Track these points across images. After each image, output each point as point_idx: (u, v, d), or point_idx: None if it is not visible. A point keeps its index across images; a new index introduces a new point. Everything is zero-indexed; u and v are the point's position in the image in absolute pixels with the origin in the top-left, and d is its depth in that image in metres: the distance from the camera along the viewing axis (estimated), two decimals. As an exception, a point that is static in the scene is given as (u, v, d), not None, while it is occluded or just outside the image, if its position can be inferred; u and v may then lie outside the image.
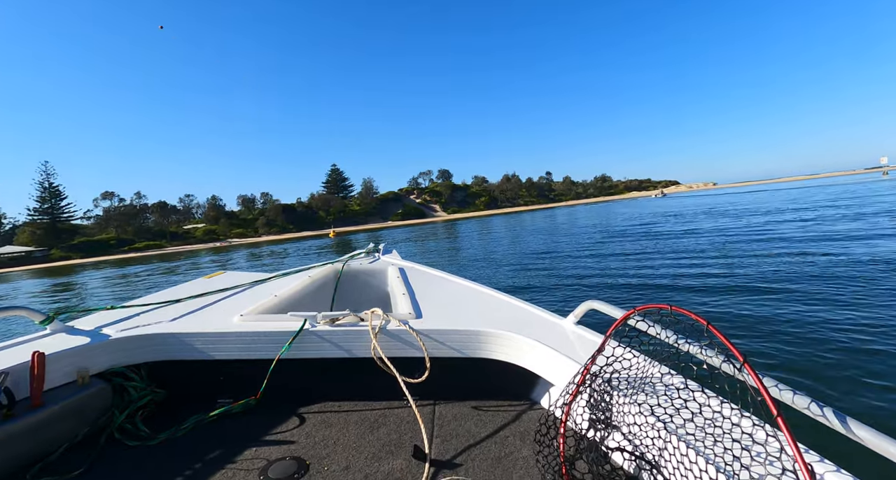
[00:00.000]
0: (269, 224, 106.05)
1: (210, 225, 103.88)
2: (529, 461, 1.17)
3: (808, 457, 0.76)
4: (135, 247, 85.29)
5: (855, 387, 3.08)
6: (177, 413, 1.51)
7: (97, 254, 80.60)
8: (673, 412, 0.90)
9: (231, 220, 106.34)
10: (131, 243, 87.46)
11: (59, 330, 1.59)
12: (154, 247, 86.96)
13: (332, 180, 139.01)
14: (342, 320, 1.58)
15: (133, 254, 76.68)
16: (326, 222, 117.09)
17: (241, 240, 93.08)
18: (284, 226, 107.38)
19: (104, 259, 72.67)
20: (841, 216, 15.59)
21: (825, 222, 14.03)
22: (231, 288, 2.22)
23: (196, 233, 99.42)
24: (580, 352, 1.34)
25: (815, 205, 22.98)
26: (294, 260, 24.06)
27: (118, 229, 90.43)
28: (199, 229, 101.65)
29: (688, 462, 0.80)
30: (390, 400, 1.53)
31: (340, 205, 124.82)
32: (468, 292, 2.03)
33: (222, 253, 42.24)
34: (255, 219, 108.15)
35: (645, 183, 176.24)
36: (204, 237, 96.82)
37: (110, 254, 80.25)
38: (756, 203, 31.02)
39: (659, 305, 0.90)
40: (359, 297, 2.68)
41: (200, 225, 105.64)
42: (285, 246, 41.59)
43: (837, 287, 5.82)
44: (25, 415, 1.23)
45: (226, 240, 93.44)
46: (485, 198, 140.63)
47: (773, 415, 0.65)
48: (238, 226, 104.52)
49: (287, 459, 1.22)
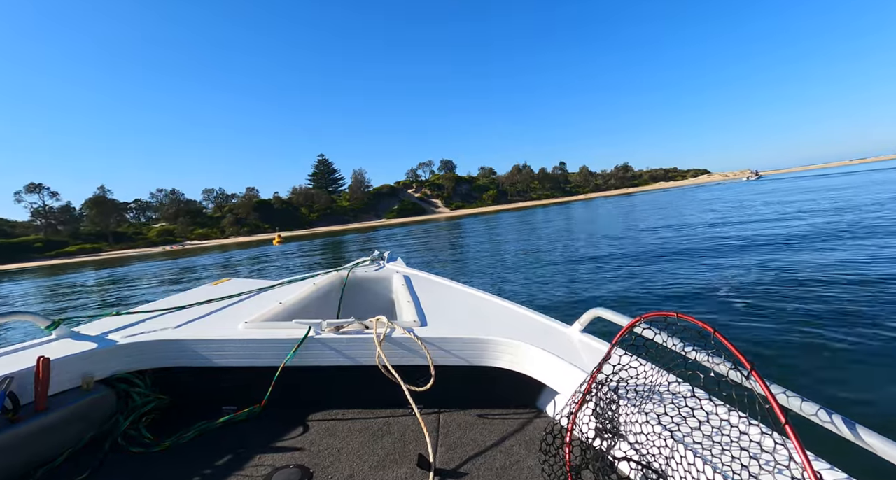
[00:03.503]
0: (240, 223, 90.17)
1: (168, 224, 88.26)
2: (535, 470, 1.16)
3: (817, 465, 0.75)
4: (65, 252, 69.82)
5: (865, 394, 2.92)
6: (181, 420, 1.50)
7: (16, 260, 65.16)
8: (680, 420, 0.89)
9: (195, 219, 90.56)
10: (63, 246, 71.84)
11: (64, 335, 1.60)
12: (90, 252, 71.44)
13: (320, 172, 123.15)
14: (347, 328, 1.58)
15: (55, 261, 61.18)
16: (309, 220, 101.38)
17: (200, 243, 77.41)
18: (258, 224, 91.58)
19: (15, 266, 57.39)
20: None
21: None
22: (236, 296, 2.21)
23: (149, 233, 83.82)
24: (586, 360, 1.33)
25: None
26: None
27: (47, 229, 75.07)
28: (152, 229, 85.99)
29: (695, 471, 0.80)
30: (395, 409, 1.52)
31: (326, 200, 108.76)
32: (473, 300, 2.02)
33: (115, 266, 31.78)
34: (221, 218, 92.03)
35: (671, 172, 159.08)
36: (157, 239, 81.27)
37: (30, 261, 64.84)
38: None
39: (665, 313, 0.90)
40: (364, 305, 2.67)
41: (158, 224, 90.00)
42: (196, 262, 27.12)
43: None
44: (30, 420, 1.24)
45: (178, 244, 77.61)
46: (492, 191, 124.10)
47: (782, 423, 0.64)
48: (202, 226, 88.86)
49: (291, 467, 1.22)
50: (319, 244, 34.27)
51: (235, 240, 77.47)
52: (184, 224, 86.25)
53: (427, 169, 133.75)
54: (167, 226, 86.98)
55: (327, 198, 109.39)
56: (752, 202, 23.45)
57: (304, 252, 25.97)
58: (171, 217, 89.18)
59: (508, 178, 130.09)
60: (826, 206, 16.09)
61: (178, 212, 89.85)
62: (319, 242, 37.38)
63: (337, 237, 44.59)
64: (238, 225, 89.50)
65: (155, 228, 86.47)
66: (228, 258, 29.50)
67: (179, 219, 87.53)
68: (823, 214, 13.65)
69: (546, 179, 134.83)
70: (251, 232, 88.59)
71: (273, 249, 34.01)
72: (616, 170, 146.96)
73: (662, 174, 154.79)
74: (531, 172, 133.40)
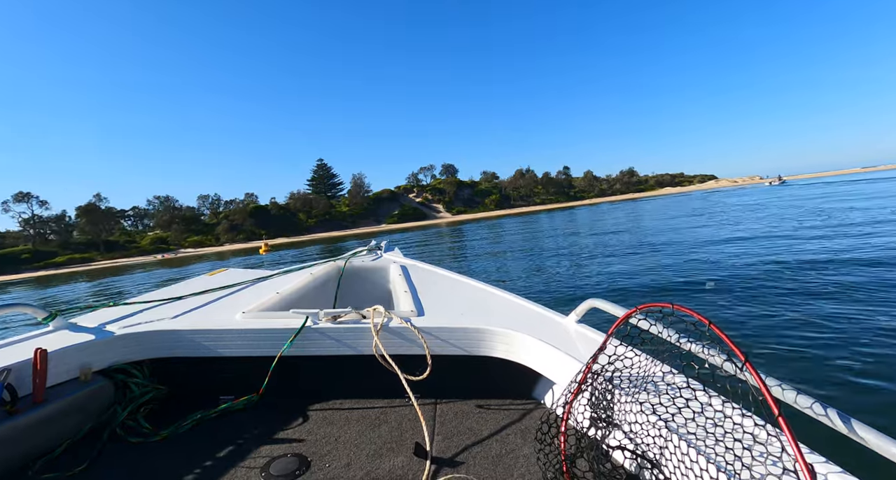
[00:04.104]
0: (235, 229, 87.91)
1: (161, 232, 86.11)
2: (530, 459, 1.18)
3: (809, 458, 0.76)
4: (53, 263, 67.67)
5: (858, 387, 2.92)
6: (179, 410, 1.51)
7: (2, 272, 63.05)
8: (674, 411, 0.90)
9: (189, 226, 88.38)
10: (52, 256, 69.73)
11: (61, 327, 1.60)
12: (79, 262, 69.29)
13: (319, 177, 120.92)
14: (344, 317, 1.59)
15: (41, 273, 58.99)
16: (307, 226, 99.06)
17: (194, 251, 75.18)
18: (254, 231, 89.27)
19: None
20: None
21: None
22: (233, 286, 2.20)
23: (142, 242, 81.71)
24: (582, 351, 1.34)
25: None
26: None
27: (37, 239, 72.97)
28: (145, 237, 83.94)
29: (688, 461, 0.80)
30: (392, 398, 1.54)
31: (325, 205, 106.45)
32: (470, 290, 2.02)
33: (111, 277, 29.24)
34: (216, 224, 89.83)
35: (678, 177, 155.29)
36: (150, 247, 79.11)
37: (17, 273, 62.71)
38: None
39: (661, 304, 0.90)
40: (361, 295, 2.66)
41: (153, 232, 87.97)
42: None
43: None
44: (28, 412, 1.25)
45: (170, 252, 75.42)
46: (495, 195, 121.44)
47: (775, 415, 0.64)
48: (197, 233, 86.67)
49: (288, 456, 1.23)
50: (315, 251, 31.73)
51: (231, 247, 75.16)
52: (178, 231, 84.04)
53: (428, 173, 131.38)
54: (161, 234, 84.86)
55: (326, 204, 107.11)
56: (815, 208, 19.25)
57: (298, 259, 23.37)
58: (165, 224, 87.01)
59: (511, 183, 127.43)
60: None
61: (172, 218, 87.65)
62: (315, 249, 34.82)
63: (336, 244, 41.82)
64: (233, 231, 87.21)
65: (148, 236, 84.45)
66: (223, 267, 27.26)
67: (173, 227, 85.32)
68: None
69: (550, 183, 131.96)
70: (247, 238, 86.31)
71: (262, 258, 31.52)
72: (622, 175, 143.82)
73: (669, 179, 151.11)
74: (534, 176, 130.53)
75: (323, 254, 28.55)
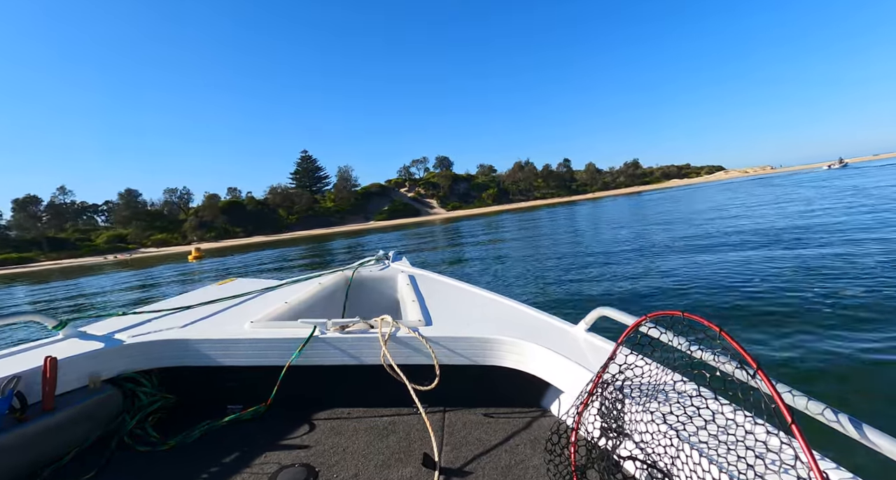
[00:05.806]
0: (204, 227, 78.72)
1: (122, 228, 76.64)
2: (540, 469, 1.16)
3: (823, 465, 0.75)
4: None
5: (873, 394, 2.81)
6: (187, 419, 1.53)
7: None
8: (686, 419, 0.89)
9: (153, 222, 79.00)
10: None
11: (71, 335, 1.62)
12: (14, 263, 59.86)
13: (303, 170, 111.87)
14: (352, 327, 1.59)
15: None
16: (287, 223, 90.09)
17: (157, 251, 66.02)
18: (227, 228, 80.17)
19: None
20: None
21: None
22: (242, 295, 2.22)
23: (96, 239, 72.24)
24: (591, 360, 1.33)
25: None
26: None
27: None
28: (101, 234, 74.35)
29: (701, 471, 0.80)
30: (399, 408, 1.54)
31: (308, 200, 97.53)
32: (478, 299, 2.03)
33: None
34: (183, 221, 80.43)
35: (684, 168, 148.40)
36: (105, 246, 69.77)
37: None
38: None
39: (671, 312, 0.90)
40: (369, 304, 2.68)
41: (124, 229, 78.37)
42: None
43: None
44: (37, 419, 1.26)
45: (127, 252, 66.10)
46: (492, 190, 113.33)
47: (788, 422, 0.64)
48: (162, 230, 77.36)
49: (296, 466, 1.24)
50: (297, 253, 24.80)
51: (199, 246, 66.25)
52: (139, 228, 74.69)
53: (421, 166, 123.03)
54: (119, 231, 75.38)
55: (309, 199, 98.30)
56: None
57: (275, 261, 18.41)
58: (125, 220, 77.48)
59: (509, 176, 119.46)
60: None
61: (132, 214, 78.15)
62: (297, 250, 27.23)
63: (321, 243, 33.98)
64: (203, 229, 78.03)
65: (105, 233, 74.77)
66: (187, 273, 20.30)
67: (133, 223, 75.86)
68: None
69: (550, 177, 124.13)
70: (219, 236, 77.26)
71: (192, 267, 23.29)
72: (625, 167, 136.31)
73: (675, 171, 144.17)
74: (534, 169, 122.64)
75: (305, 255, 22.90)
